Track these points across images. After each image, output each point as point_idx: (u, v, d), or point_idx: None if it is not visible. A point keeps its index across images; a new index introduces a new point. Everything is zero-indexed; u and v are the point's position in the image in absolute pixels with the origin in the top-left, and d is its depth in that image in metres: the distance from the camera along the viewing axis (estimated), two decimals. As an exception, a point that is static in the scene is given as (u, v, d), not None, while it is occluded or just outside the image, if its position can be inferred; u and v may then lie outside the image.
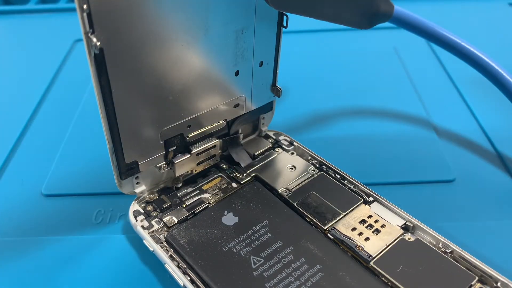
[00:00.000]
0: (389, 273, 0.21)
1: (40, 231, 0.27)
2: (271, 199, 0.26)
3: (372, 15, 0.21)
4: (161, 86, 0.23)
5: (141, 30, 0.20)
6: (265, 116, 0.30)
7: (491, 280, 0.21)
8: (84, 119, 0.36)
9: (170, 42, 0.22)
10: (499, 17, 0.51)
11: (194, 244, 0.23)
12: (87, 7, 0.18)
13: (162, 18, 0.21)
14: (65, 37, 0.48)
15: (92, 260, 0.25)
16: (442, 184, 0.29)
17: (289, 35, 0.44)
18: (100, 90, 0.20)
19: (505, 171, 0.30)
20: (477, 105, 0.36)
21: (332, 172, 0.27)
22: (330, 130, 0.34)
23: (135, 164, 0.24)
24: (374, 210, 0.25)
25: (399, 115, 0.36)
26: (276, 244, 0.23)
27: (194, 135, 0.26)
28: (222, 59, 0.25)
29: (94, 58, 0.19)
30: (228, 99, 0.27)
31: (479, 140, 0.33)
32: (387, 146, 0.33)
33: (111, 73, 0.20)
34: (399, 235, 0.23)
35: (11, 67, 0.45)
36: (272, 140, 0.31)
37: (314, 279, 0.21)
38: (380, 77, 0.41)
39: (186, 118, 0.25)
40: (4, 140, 0.34)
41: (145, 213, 0.25)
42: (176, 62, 0.23)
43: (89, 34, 0.18)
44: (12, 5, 0.58)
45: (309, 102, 0.37)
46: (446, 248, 0.22)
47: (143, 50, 0.21)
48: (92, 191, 0.29)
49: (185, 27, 0.22)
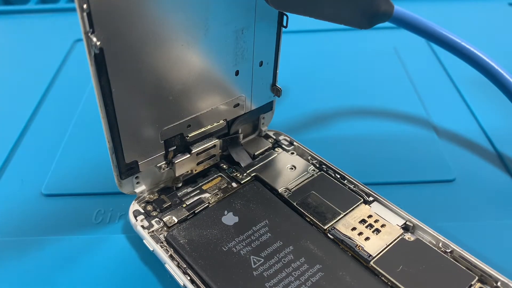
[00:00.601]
0: (389, 272, 0.21)
1: (40, 231, 0.27)
2: (271, 199, 0.26)
3: (372, 15, 0.21)
4: (161, 86, 0.23)
5: (141, 30, 0.20)
6: (265, 116, 0.30)
7: (491, 280, 0.21)
8: (84, 119, 0.36)
9: (170, 42, 0.22)
10: (499, 17, 0.51)
11: (194, 244, 0.23)
12: (87, 6, 0.18)
13: (162, 18, 0.21)
14: (65, 37, 0.48)
15: (92, 260, 0.25)
16: (442, 184, 0.29)
17: (289, 35, 0.44)
18: (100, 90, 0.20)
19: (505, 171, 0.30)
20: (477, 105, 0.36)
21: (332, 172, 0.27)
22: (330, 130, 0.34)
23: (135, 164, 0.24)
24: (374, 209, 0.25)
25: (399, 115, 0.36)
26: (276, 244, 0.23)
27: (194, 135, 0.26)
28: (222, 59, 0.25)
29: (94, 58, 0.19)
30: (228, 99, 0.27)
31: (479, 140, 0.33)
32: (387, 146, 0.33)
33: (111, 73, 0.20)
34: (399, 234, 0.23)
35: (11, 67, 0.45)
36: (272, 140, 0.31)
37: (314, 278, 0.21)
38: (380, 77, 0.41)
39: (186, 118, 0.25)
40: (4, 140, 0.34)
41: (145, 213, 0.25)
42: (176, 62, 0.23)
43: (89, 34, 0.18)
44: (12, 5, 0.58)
45: (309, 102, 0.37)
46: (446, 247, 0.22)
47: (143, 50, 0.21)
48: (92, 191, 0.29)
49: (185, 27, 0.22)
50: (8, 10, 0.55)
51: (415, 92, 0.38)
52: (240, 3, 0.23)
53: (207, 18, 0.23)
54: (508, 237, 0.26)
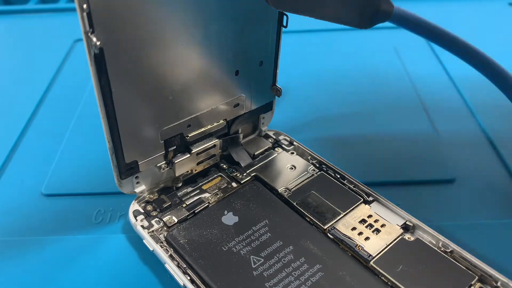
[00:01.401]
0: (389, 272, 0.21)
1: (40, 231, 0.27)
2: (271, 198, 0.26)
3: (372, 15, 0.21)
4: (161, 86, 0.23)
5: (141, 30, 0.20)
6: (265, 116, 0.30)
7: (491, 280, 0.21)
8: (84, 119, 0.36)
9: (170, 42, 0.22)
10: (499, 17, 0.51)
11: (194, 243, 0.23)
12: (87, 6, 0.18)
13: (162, 18, 0.21)
14: (65, 37, 0.48)
15: (92, 260, 0.25)
16: (442, 184, 0.29)
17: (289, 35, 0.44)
18: (100, 90, 0.20)
19: (505, 171, 0.30)
20: (477, 105, 0.36)
21: (332, 172, 0.27)
22: (330, 130, 0.34)
23: (135, 163, 0.24)
24: (374, 209, 0.25)
25: (399, 115, 0.36)
26: (276, 244, 0.23)
27: (194, 135, 0.26)
28: (222, 59, 0.25)
29: (94, 58, 0.19)
30: (228, 98, 0.27)
31: (479, 140, 0.33)
32: (387, 146, 0.33)
33: (111, 73, 0.20)
34: (399, 234, 0.23)
35: (11, 67, 0.45)
36: (272, 140, 0.31)
37: (314, 278, 0.21)
38: (380, 77, 0.41)
39: (186, 117, 0.25)
40: (4, 140, 0.34)
41: (145, 213, 0.25)
42: (176, 62, 0.23)
43: (89, 34, 0.19)
44: (12, 5, 0.58)
45: (309, 102, 0.37)
46: (446, 247, 0.22)
47: (143, 50, 0.21)
48: (92, 191, 0.29)
49: (185, 26, 0.22)
50: (8, 10, 0.55)
51: (415, 92, 0.38)
52: (240, 3, 0.23)
53: (207, 18, 0.23)
54: (508, 237, 0.26)
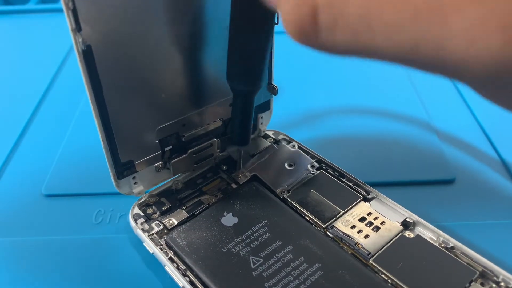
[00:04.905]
0: (389, 270, 0.21)
1: (40, 231, 0.27)
2: (270, 198, 0.26)
3: None
4: (153, 84, 0.23)
5: (130, 28, 0.20)
6: (263, 115, 0.30)
7: (492, 275, 0.21)
8: (84, 119, 0.36)
9: (160, 38, 0.21)
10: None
11: (193, 245, 0.23)
12: (72, 4, 0.18)
13: (151, 16, 0.21)
14: (65, 37, 0.48)
15: (92, 260, 0.25)
16: (442, 184, 0.29)
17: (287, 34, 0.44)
18: (91, 87, 0.20)
19: (505, 171, 0.30)
20: (477, 105, 0.36)
21: (331, 170, 0.27)
22: (329, 130, 0.34)
23: (131, 163, 0.24)
24: (373, 207, 0.25)
25: (399, 114, 0.36)
26: (275, 244, 0.23)
27: (190, 134, 0.26)
28: (216, 57, 0.24)
29: (82, 55, 0.19)
30: (223, 97, 0.26)
31: (479, 140, 0.33)
32: (387, 146, 0.33)
33: (101, 70, 0.20)
34: (399, 231, 0.23)
35: (11, 67, 0.45)
36: (271, 140, 0.30)
37: (314, 277, 0.21)
38: (380, 76, 0.41)
39: (181, 116, 0.25)
40: (4, 140, 0.34)
41: (145, 216, 0.25)
42: (166, 59, 0.22)
43: (76, 31, 0.18)
44: (12, 5, 0.58)
45: (308, 102, 0.37)
46: (447, 243, 0.22)
47: (132, 48, 0.21)
48: (92, 191, 0.29)
49: (175, 23, 0.22)
50: (8, 10, 0.55)
51: (415, 91, 0.38)
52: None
53: (199, 15, 0.22)
54: (508, 237, 0.26)
